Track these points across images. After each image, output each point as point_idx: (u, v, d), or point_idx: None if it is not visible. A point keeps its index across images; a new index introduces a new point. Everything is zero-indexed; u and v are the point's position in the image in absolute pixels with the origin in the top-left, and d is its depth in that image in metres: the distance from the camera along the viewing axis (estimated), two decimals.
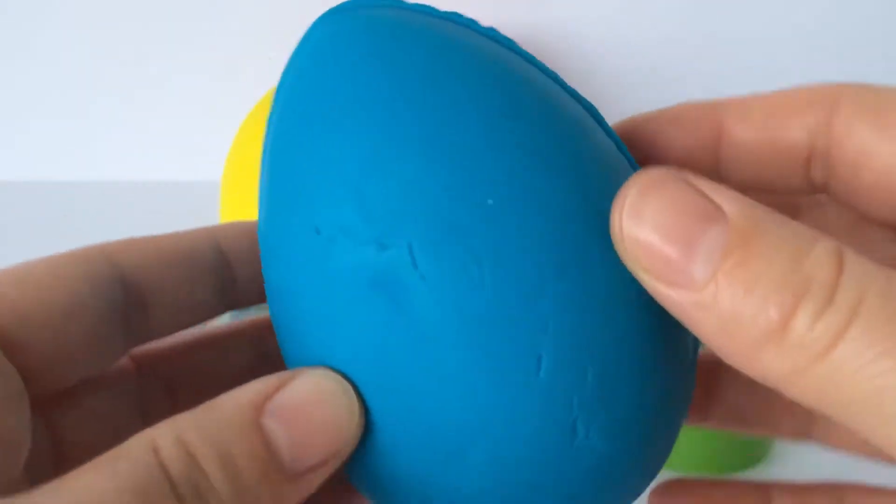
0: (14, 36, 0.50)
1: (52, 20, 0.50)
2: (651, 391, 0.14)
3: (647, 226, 0.12)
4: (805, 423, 0.18)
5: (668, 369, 0.15)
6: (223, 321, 0.20)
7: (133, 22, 0.50)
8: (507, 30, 0.55)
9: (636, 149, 0.16)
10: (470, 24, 0.16)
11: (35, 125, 0.53)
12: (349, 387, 0.14)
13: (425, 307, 0.13)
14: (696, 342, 0.16)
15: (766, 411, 0.18)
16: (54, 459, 0.16)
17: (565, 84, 0.16)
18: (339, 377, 0.14)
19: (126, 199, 0.52)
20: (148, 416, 0.18)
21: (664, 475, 0.18)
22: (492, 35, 0.16)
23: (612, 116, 0.16)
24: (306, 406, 0.13)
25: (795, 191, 0.16)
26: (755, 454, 0.34)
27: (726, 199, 0.12)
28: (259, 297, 0.18)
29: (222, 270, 0.17)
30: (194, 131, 0.52)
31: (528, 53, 0.15)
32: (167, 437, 0.12)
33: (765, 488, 0.18)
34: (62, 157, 0.54)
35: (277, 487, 0.12)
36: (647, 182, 0.13)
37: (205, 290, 0.17)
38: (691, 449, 0.33)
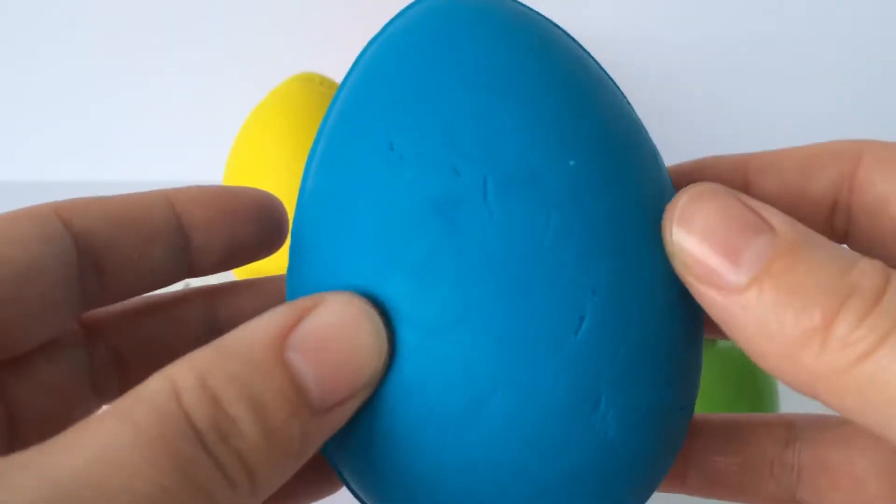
0: (14, 36, 0.50)
1: (52, 20, 0.50)
2: (669, 387, 0.15)
3: (696, 230, 0.13)
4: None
5: (686, 374, 0.15)
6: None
7: (134, 22, 0.50)
8: None
9: None
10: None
11: (35, 125, 0.53)
12: (375, 313, 0.13)
13: (485, 239, 0.13)
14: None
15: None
16: (7, 431, 0.15)
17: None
18: (363, 302, 0.13)
19: None
20: (97, 387, 0.17)
21: None
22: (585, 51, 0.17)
23: None
24: (331, 337, 0.12)
25: None
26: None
27: (775, 216, 0.13)
28: (216, 266, 0.18)
29: (177, 233, 0.17)
30: (194, 131, 0.52)
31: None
32: (188, 379, 0.11)
33: (789, 425, 0.18)
34: (62, 157, 0.54)
35: (307, 425, 0.12)
36: (699, 191, 0.13)
37: (160, 252, 0.16)
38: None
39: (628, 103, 0.16)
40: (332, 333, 0.12)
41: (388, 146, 0.14)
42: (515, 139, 0.14)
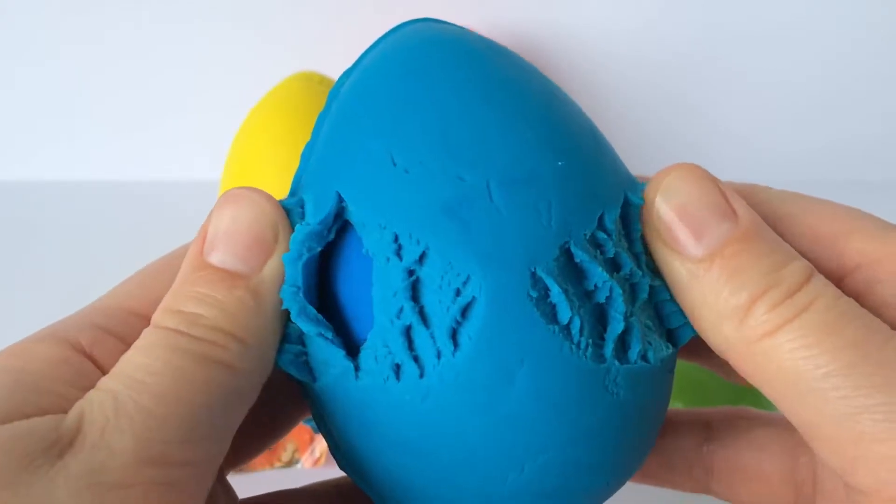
0: (13, 35, 0.50)
1: (51, 19, 0.50)
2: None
3: (676, 204, 0.16)
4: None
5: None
6: None
7: (133, 22, 0.50)
8: (503, 31, 0.55)
9: None
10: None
11: (35, 125, 0.53)
12: (247, 190, 0.16)
13: (496, 231, 0.15)
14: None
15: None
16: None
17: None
18: (239, 190, 0.16)
19: (125, 199, 0.52)
20: None
21: None
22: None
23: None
24: (224, 225, 0.16)
25: None
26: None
27: (742, 207, 0.16)
28: None
29: None
30: (193, 130, 0.52)
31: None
32: (158, 314, 0.15)
33: (706, 421, 0.21)
34: (62, 157, 0.54)
35: (249, 287, 0.15)
36: (687, 171, 0.16)
37: None
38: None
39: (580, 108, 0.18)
40: (224, 224, 0.16)
41: (391, 161, 0.16)
42: (509, 145, 0.16)
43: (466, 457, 0.15)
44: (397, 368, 0.15)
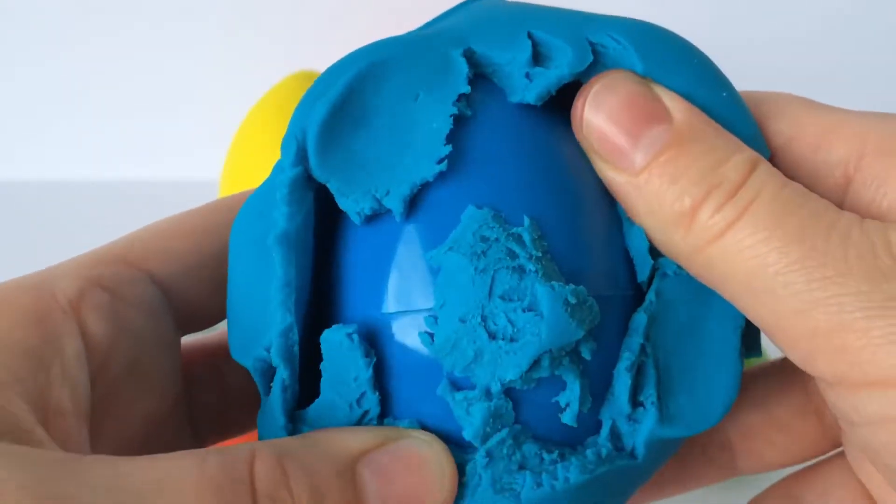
0: (14, 35, 0.50)
1: (51, 19, 0.50)
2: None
3: (604, 115, 0.15)
4: (726, 463, 0.19)
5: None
6: None
7: (133, 21, 0.50)
8: None
9: None
10: None
11: (35, 125, 0.53)
12: (450, 457, 0.14)
13: None
14: None
15: (683, 467, 0.19)
16: (220, 408, 0.18)
17: None
18: (442, 447, 0.14)
19: (125, 199, 0.52)
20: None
21: None
22: None
23: None
24: (403, 469, 0.13)
25: None
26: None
27: (676, 107, 0.15)
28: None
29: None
30: (193, 130, 0.52)
31: None
32: (268, 452, 0.12)
33: None
34: (62, 157, 0.54)
35: None
36: (612, 78, 0.15)
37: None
38: None
39: None
40: (404, 467, 0.13)
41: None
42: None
43: None
44: None
